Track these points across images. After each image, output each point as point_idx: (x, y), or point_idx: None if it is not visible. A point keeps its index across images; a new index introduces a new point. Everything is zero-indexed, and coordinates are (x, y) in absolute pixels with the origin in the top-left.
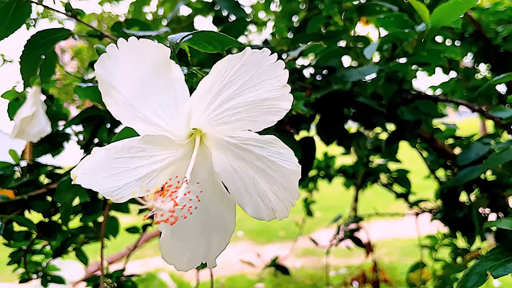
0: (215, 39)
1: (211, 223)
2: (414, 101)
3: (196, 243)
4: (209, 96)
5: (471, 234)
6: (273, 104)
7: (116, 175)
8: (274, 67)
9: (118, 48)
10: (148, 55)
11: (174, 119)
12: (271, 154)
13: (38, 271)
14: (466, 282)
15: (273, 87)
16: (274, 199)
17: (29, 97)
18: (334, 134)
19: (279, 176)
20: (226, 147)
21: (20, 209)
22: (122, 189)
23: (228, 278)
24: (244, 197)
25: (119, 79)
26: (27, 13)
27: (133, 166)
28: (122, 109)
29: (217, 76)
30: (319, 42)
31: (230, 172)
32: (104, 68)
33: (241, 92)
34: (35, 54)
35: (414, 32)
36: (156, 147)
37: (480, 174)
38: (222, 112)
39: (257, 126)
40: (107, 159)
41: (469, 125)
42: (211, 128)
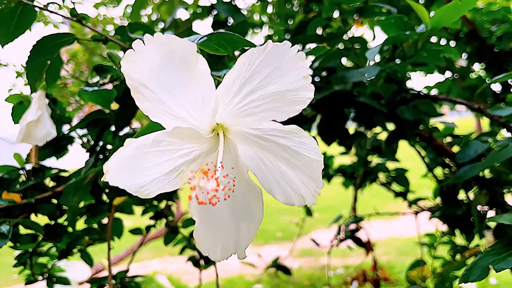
0: (227, 41)
1: (240, 213)
2: (413, 100)
3: (227, 233)
4: (233, 89)
5: (470, 232)
6: (296, 94)
7: (146, 169)
8: (296, 58)
9: (145, 43)
10: (175, 50)
11: (201, 113)
12: (295, 144)
13: (44, 273)
14: (469, 276)
15: (295, 78)
16: (302, 186)
17: (33, 101)
18: (335, 134)
19: (304, 165)
20: (251, 139)
21: (27, 213)
22: (151, 185)
23: (226, 280)
24: (273, 185)
25: (147, 75)
26: (32, 18)
27: (161, 160)
28: (150, 104)
29: (240, 69)
30: (322, 44)
31: (257, 163)
32: (131, 65)
33: (265, 84)
34: (41, 59)
35: (414, 34)
36: (183, 141)
37: (480, 171)
38: (247, 103)
39: (281, 116)
40: (137, 154)
41: (465, 124)
42: (236, 120)
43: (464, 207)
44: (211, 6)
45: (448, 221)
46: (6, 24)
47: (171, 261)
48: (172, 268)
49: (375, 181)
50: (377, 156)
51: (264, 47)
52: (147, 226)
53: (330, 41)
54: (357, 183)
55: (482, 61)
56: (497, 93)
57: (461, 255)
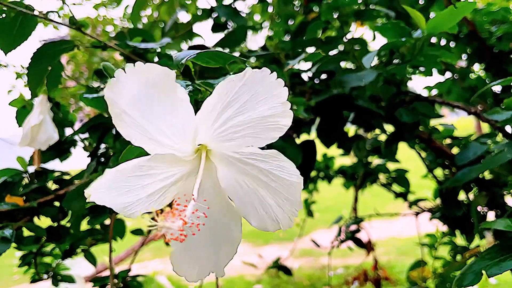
0: (217, 56)
1: (218, 236)
2: (412, 102)
3: (205, 255)
4: (213, 114)
5: (470, 232)
6: (274, 121)
7: (128, 192)
8: (274, 85)
9: (126, 73)
10: (154, 79)
11: (181, 138)
12: (274, 167)
13: (49, 271)
14: (462, 281)
15: (273, 105)
16: (278, 210)
17: (36, 105)
18: (334, 137)
19: (282, 189)
20: (231, 162)
21: (29, 216)
22: (134, 205)
23: (226, 280)
24: (249, 210)
25: (128, 102)
26: (32, 26)
27: (143, 183)
28: (131, 130)
29: (220, 96)
30: (318, 51)
31: (235, 186)
32: (113, 92)
33: (243, 111)
34: (42, 66)
35: (411, 39)
36: (165, 165)
37: (478, 174)
38: (226, 129)
39: (259, 142)
40: (119, 178)
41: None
42: (217, 144)
43: (464, 208)
44: (211, 9)
45: (449, 222)
46: (7, 32)
47: None
48: (172, 269)
49: (376, 182)
50: (377, 157)
51: (243, 74)
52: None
53: (329, 45)
54: (358, 184)
55: (482, 61)
56: (497, 93)
57: (461, 255)
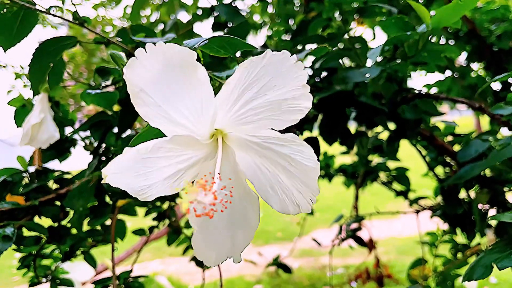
0: (228, 43)
1: (236, 220)
2: (414, 100)
3: (223, 239)
4: (232, 97)
5: (471, 230)
6: (295, 103)
7: (144, 174)
8: (294, 67)
9: (147, 52)
10: (175, 58)
11: (200, 120)
12: (292, 152)
13: (48, 275)
14: (472, 274)
15: (294, 87)
16: (297, 194)
17: (36, 104)
18: (336, 134)
19: (300, 173)
20: (249, 146)
21: (30, 215)
22: (150, 188)
23: (226, 280)
24: (269, 193)
25: (147, 82)
26: (33, 22)
27: (160, 165)
28: (150, 110)
29: (240, 77)
30: (324, 45)
31: (254, 170)
32: (133, 71)
33: (264, 93)
34: (43, 62)
35: (415, 34)
36: (182, 147)
37: (481, 171)
38: (246, 112)
39: (279, 124)
40: (136, 159)
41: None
42: (235, 128)
43: (465, 205)
44: (212, 8)
45: (449, 220)
46: (8, 28)
47: (171, 262)
48: (172, 269)
49: (376, 181)
50: (378, 156)
51: (263, 56)
52: (150, 227)
53: (331, 42)
54: (358, 182)
55: (482, 60)
56: (497, 91)
57: (462, 253)
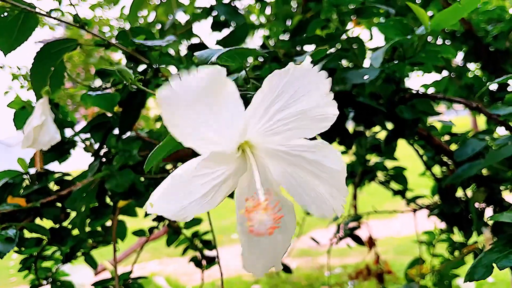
0: (236, 53)
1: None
2: (412, 99)
3: (267, 249)
4: (260, 109)
5: (468, 229)
6: (321, 111)
7: (184, 196)
8: (318, 77)
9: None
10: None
11: (231, 134)
12: (321, 157)
13: (48, 277)
14: (473, 274)
15: (319, 96)
16: (330, 198)
17: (37, 107)
18: (335, 134)
19: (330, 178)
20: (278, 155)
21: (32, 216)
22: (189, 208)
23: (225, 280)
24: (305, 199)
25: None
26: (34, 25)
27: (197, 184)
28: (184, 131)
29: (267, 90)
30: (324, 47)
31: (287, 178)
32: (167, 99)
33: (291, 104)
34: (45, 66)
35: (415, 36)
36: (216, 164)
37: (479, 170)
38: (275, 123)
39: (309, 133)
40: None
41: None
42: (265, 139)
43: (462, 204)
44: (211, 7)
45: (446, 219)
46: (8, 32)
47: (169, 263)
48: (170, 270)
49: (374, 180)
50: (375, 155)
51: (288, 68)
52: (150, 227)
53: (329, 42)
54: (356, 181)
55: (478, 60)
56: (493, 92)
57: (459, 252)
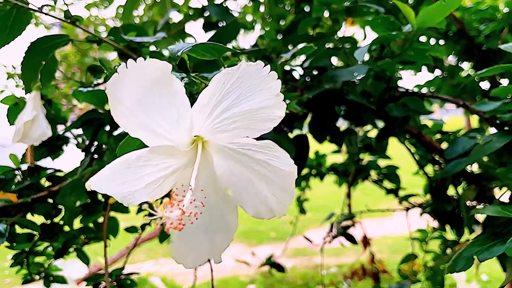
0: (212, 48)
1: (214, 224)
2: (402, 98)
3: (201, 243)
4: (208, 106)
5: (460, 227)
6: (268, 112)
7: (127, 182)
8: (268, 78)
9: (128, 67)
10: (153, 73)
11: (177, 129)
12: (269, 158)
13: (41, 272)
14: (454, 266)
15: (267, 97)
16: (273, 199)
17: (28, 102)
18: (326, 132)
19: (277, 178)
20: (227, 152)
21: (23, 212)
22: (133, 194)
23: (220, 281)
24: (244, 198)
25: (127, 95)
26: (26, 20)
27: (142, 173)
28: (129, 121)
29: (215, 88)
30: (310, 44)
31: (230, 176)
32: (114, 86)
33: (238, 102)
34: (36, 60)
35: (401, 33)
36: (163, 156)
37: (466, 165)
38: (221, 121)
39: (254, 133)
40: (119, 169)
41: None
42: (212, 136)
43: (453, 202)
44: (203, 8)
45: (439, 217)
46: (1, 27)
47: (164, 263)
48: (165, 270)
49: (367, 179)
50: (368, 154)
51: (238, 67)
52: (143, 224)
53: (320, 41)
54: (350, 180)
55: (471, 59)
56: (485, 91)
57: (451, 249)
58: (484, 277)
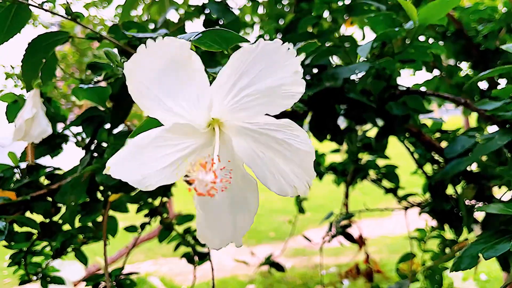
0: (220, 37)
1: (237, 204)
2: (402, 96)
3: (225, 223)
4: (227, 85)
5: (459, 226)
6: (288, 89)
7: (144, 164)
8: (287, 54)
9: (147, 46)
10: (172, 51)
11: (196, 109)
12: (288, 136)
13: (38, 273)
14: (459, 264)
15: (287, 73)
16: (294, 177)
17: (28, 99)
18: (326, 130)
19: (296, 157)
20: (245, 132)
21: (22, 210)
22: (150, 177)
23: (219, 280)
24: (267, 177)
25: (147, 75)
26: (26, 17)
27: (160, 154)
28: (148, 101)
29: (234, 66)
30: (313, 40)
31: (252, 155)
32: (133, 65)
33: (258, 80)
34: (36, 58)
35: (403, 30)
36: (181, 136)
37: (467, 165)
38: (241, 99)
39: (274, 110)
40: (136, 150)
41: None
42: (231, 115)
43: (452, 201)
44: (203, 6)
45: (437, 216)
46: (0, 24)
47: (163, 263)
48: (164, 270)
49: (366, 178)
50: (367, 154)
51: (257, 44)
52: (142, 223)
53: (320, 39)
54: (348, 180)
55: (469, 59)
56: (483, 90)
57: (450, 248)
58: (483, 276)
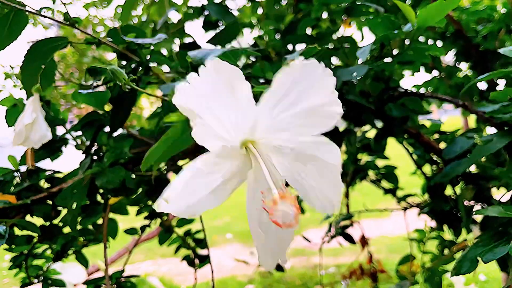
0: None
1: None
2: (400, 98)
3: (276, 243)
4: (271, 106)
5: (458, 227)
6: (327, 109)
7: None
8: (324, 75)
9: (200, 75)
10: (224, 77)
11: (240, 130)
12: (323, 154)
13: (39, 275)
14: (459, 269)
15: (325, 94)
16: (331, 193)
17: (28, 104)
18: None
19: (330, 174)
20: (282, 151)
21: (22, 214)
22: (197, 205)
23: (219, 281)
24: (309, 194)
25: (198, 104)
26: (24, 23)
27: (207, 180)
28: (201, 131)
29: (276, 88)
30: (314, 45)
31: (292, 173)
32: (185, 97)
33: (298, 101)
34: (35, 64)
35: (402, 33)
36: (225, 160)
37: (467, 167)
38: (283, 119)
39: (315, 130)
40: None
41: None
42: (273, 135)
43: (451, 202)
44: (202, 7)
45: (436, 217)
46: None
47: (163, 263)
48: (164, 270)
49: (365, 179)
50: (366, 154)
51: (295, 66)
52: (142, 225)
53: (320, 41)
54: (348, 180)
55: (468, 60)
56: (482, 91)
57: (449, 249)
58: (482, 277)
